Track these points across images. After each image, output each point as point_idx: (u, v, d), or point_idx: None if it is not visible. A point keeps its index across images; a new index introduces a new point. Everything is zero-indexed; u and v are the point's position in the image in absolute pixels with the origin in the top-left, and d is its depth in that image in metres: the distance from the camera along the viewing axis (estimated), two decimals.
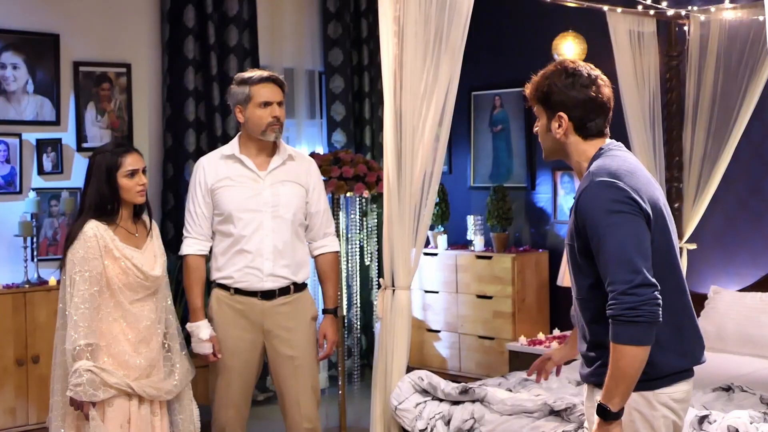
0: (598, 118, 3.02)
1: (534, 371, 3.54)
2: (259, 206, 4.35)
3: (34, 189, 6.11)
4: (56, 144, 6.25)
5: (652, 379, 2.88)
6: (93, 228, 3.90)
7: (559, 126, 3.02)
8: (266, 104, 4.34)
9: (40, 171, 6.20)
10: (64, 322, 3.93)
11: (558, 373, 3.57)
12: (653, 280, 2.78)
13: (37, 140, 6.19)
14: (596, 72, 3.05)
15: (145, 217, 4.15)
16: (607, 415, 2.81)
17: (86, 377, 3.79)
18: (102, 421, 3.87)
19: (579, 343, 3.07)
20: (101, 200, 3.94)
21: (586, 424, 3.16)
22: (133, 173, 3.98)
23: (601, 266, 2.83)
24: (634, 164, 2.97)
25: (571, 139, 3.03)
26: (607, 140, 3.06)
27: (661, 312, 2.78)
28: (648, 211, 2.86)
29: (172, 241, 6.58)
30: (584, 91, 2.99)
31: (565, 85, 2.99)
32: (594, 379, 2.96)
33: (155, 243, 4.12)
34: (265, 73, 4.42)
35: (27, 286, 5.83)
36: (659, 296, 2.78)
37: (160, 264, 4.08)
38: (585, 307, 2.99)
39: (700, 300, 6.31)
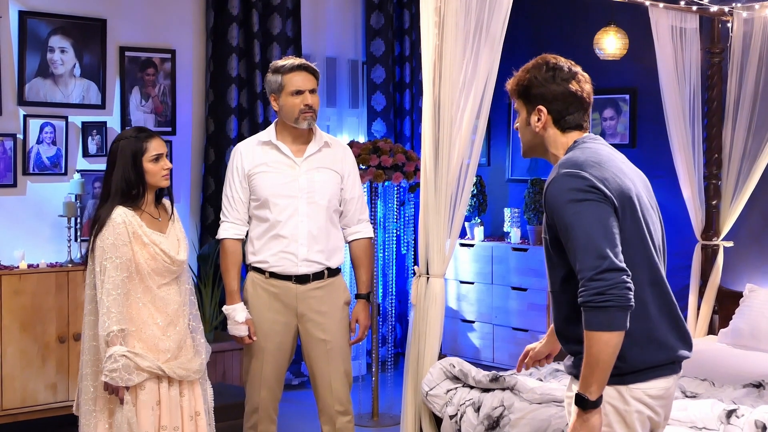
0: (577, 112, 3.03)
1: (521, 366, 3.52)
2: (294, 192, 4.40)
3: (78, 171, 6.22)
4: (101, 127, 6.36)
5: (624, 373, 2.87)
6: (121, 214, 3.93)
7: (539, 119, 3.04)
8: (298, 92, 4.38)
9: (85, 153, 6.32)
10: (92, 308, 3.97)
11: (542, 364, 3.52)
12: (621, 264, 2.77)
13: (83, 123, 6.31)
14: (577, 68, 3.07)
15: (166, 201, 4.18)
16: (585, 404, 2.81)
17: (122, 362, 3.84)
18: (134, 404, 3.93)
19: (558, 337, 3.07)
20: (127, 185, 3.97)
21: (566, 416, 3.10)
22: (158, 158, 4.03)
23: (570, 255, 2.84)
24: (604, 156, 2.97)
25: (549, 132, 3.05)
26: (585, 133, 3.07)
27: (632, 296, 2.76)
28: (613, 200, 2.86)
29: (212, 225, 6.69)
30: (564, 84, 3.01)
31: (545, 78, 3.02)
32: (573, 370, 2.96)
33: (177, 227, 4.16)
34: (297, 61, 4.45)
35: (70, 265, 5.94)
36: (628, 280, 2.77)
37: (184, 248, 4.11)
38: (558, 300, 3.00)
39: (736, 298, 6.31)
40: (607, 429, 2.89)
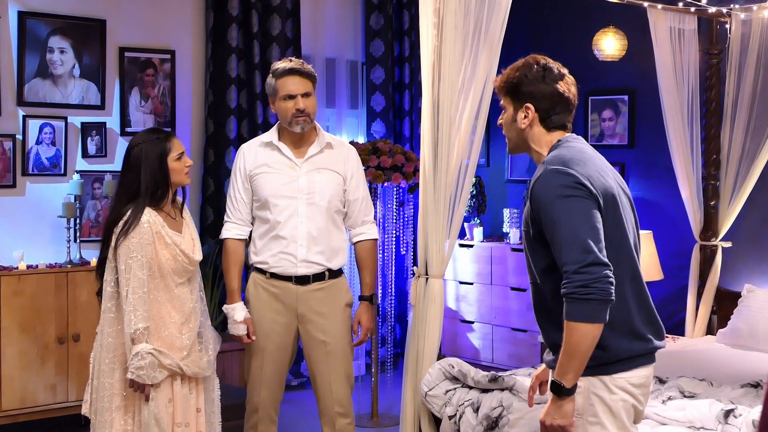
0: (563, 112, 3.15)
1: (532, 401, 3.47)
2: (294, 193, 4.41)
3: (78, 171, 6.22)
4: (101, 128, 6.37)
5: (609, 363, 2.98)
6: (146, 215, 3.98)
7: (525, 117, 3.14)
8: (290, 97, 4.38)
9: (85, 154, 6.32)
10: (112, 305, 3.98)
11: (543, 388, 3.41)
12: (605, 259, 2.87)
13: (82, 124, 6.31)
14: (565, 70, 3.18)
15: (179, 199, 4.22)
16: (560, 390, 2.91)
17: (148, 360, 3.85)
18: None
19: (540, 329, 3.14)
20: (155, 186, 4.02)
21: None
22: (180, 156, 4.08)
23: (555, 249, 2.92)
24: (588, 154, 3.08)
25: (534, 129, 3.15)
26: (568, 133, 3.17)
27: (613, 290, 2.86)
28: (598, 197, 2.96)
29: (211, 225, 6.70)
30: (553, 84, 3.12)
31: (536, 77, 3.12)
32: (555, 364, 2.99)
33: (191, 226, 4.20)
34: (288, 65, 4.42)
35: (69, 266, 5.95)
36: (611, 275, 2.86)
37: (198, 247, 4.15)
38: (539, 291, 3.09)
39: (734, 298, 6.32)
40: (594, 419, 2.99)
